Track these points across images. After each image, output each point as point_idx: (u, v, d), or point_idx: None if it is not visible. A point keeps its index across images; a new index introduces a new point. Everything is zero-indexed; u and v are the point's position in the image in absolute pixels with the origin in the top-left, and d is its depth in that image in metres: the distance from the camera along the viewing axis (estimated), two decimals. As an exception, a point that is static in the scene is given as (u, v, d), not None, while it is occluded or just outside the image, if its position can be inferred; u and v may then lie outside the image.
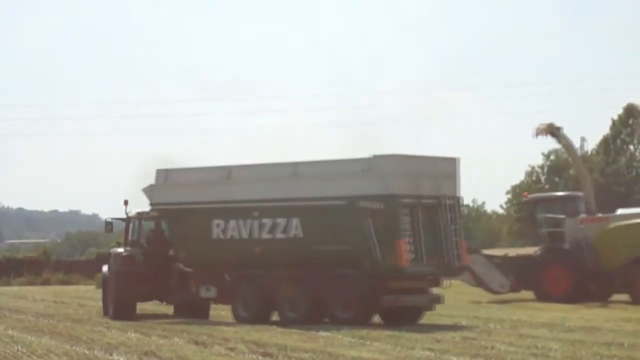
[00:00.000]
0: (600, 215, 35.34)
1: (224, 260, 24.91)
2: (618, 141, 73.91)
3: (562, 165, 77.12)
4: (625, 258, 33.01)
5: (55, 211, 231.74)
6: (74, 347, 17.22)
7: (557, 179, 77.45)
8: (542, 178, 78.71)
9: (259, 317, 23.57)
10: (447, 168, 23.82)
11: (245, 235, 24.48)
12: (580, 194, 36.96)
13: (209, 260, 25.23)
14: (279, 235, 23.98)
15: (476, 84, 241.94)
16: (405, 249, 22.47)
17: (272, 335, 19.39)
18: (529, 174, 78.87)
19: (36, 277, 59.90)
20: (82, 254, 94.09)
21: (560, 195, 38.37)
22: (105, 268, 27.62)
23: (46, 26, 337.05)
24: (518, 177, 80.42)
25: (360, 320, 22.11)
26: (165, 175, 25.96)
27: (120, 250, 26.89)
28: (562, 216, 35.49)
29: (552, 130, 36.78)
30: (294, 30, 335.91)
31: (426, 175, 23.36)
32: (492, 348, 16.41)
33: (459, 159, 24.20)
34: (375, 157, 23.12)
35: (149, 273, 26.05)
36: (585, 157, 72.71)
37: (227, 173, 25.05)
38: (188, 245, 25.60)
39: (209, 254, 25.13)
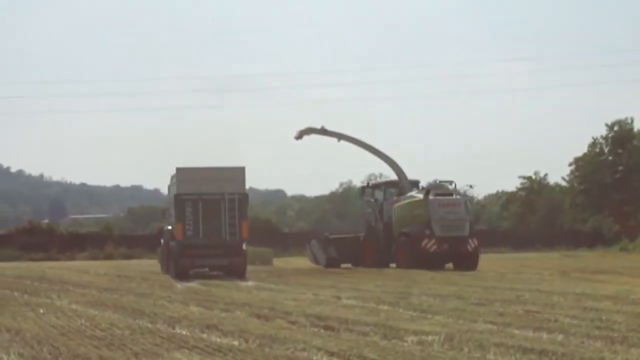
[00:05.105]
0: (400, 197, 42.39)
1: None
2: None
3: (626, 137, 76.02)
4: (397, 232, 40.84)
5: (118, 186, 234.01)
6: (137, 320, 17.32)
7: (620, 150, 76.38)
8: (606, 149, 77.56)
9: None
10: (232, 174, 33.78)
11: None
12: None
13: None
14: None
15: (537, 55, 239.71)
16: (180, 228, 33.40)
17: (333, 309, 19.36)
18: (592, 146, 77.78)
19: (99, 251, 60.74)
20: (144, 229, 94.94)
21: (385, 182, 47.18)
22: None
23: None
24: (581, 149, 79.39)
25: (179, 277, 32.06)
26: (171, 175, 35.76)
27: (169, 227, 36.05)
28: (372, 200, 44.45)
29: (314, 132, 45.00)
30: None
31: (210, 179, 33.51)
32: (556, 321, 16.21)
33: (244, 167, 34.20)
34: (177, 169, 34.37)
35: None
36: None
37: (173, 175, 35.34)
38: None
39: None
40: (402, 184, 43.37)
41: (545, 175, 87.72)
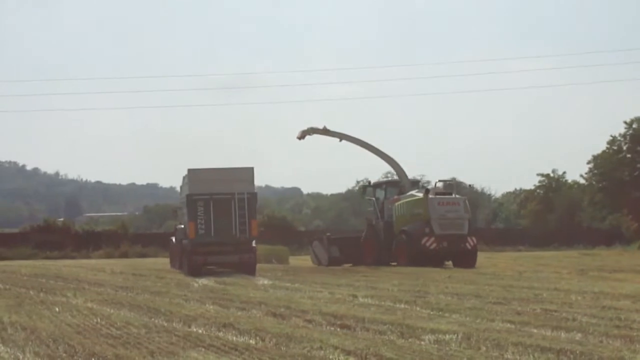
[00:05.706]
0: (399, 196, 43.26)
1: None
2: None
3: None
4: (397, 230, 41.57)
5: (133, 184, 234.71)
6: (152, 319, 17.29)
7: (638, 148, 75.87)
8: (624, 147, 77.03)
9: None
10: (241, 174, 35.11)
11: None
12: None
13: None
14: None
15: (554, 52, 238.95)
16: (192, 227, 34.57)
17: (349, 307, 19.28)
18: (610, 143, 77.27)
19: (114, 249, 60.64)
20: (159, 227, 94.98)
21: (386, 181, 48.84)
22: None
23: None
24: (600, 147, 78.94)
25: (192, 274, 33.21)
26: (183, 176, 36.67)
27: (182, 225, 37.34)
28: (374, 198, 45.04)
29: (316, 132, 45.61)
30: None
31: (220, 180, 34.72)
32: (574, 320, 16.11)
33: (253, 168, 35.37)
34: (188, 170, 35.53)
35: None
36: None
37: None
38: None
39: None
40: (403, 183, 44.40)
41: (564, 173, 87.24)
